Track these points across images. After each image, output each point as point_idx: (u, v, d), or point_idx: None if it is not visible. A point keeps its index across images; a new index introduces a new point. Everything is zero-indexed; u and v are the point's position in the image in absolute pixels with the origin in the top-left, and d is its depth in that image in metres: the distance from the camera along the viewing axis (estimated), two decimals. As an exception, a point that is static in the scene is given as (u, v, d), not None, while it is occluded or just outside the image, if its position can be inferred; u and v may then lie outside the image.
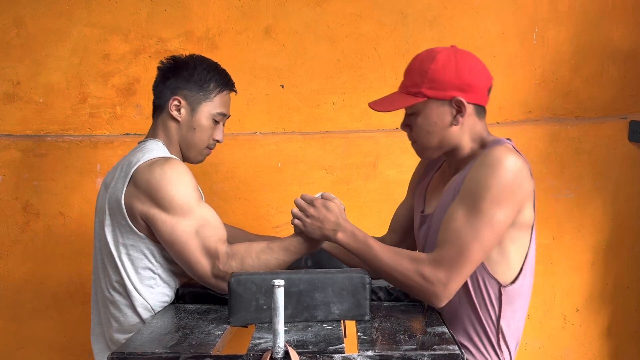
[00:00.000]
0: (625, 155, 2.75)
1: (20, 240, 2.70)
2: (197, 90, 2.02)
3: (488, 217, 1.65)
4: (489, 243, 1.67)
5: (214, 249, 1.85)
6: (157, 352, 1.47)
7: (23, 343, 2.74)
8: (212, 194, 2.66)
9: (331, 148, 2.70)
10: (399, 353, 1.45)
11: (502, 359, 1.79)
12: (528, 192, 1.71)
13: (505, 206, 1.65)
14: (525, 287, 1.79)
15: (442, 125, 1.77)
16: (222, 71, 2.08)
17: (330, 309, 1.69)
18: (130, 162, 1.93)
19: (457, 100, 1.74)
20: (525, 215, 1.72)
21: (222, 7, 2.69)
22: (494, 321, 1.76)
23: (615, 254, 2.78)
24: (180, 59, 2.07)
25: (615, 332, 2.80)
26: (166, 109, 2.02)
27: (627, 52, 2.76)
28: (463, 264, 1.66)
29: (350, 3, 2.70)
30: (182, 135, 2.03)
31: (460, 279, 1.68)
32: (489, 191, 1.64)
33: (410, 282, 1.70)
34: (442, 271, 1.66)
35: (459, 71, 1.74)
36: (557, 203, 2.74)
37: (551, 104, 2.76)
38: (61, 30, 2.69)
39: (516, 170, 1.66)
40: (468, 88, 1.74)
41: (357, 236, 1.78)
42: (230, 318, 1.68)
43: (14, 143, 2.69)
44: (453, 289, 1.68)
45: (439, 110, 1.76)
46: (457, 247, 1.66)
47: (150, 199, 1.86)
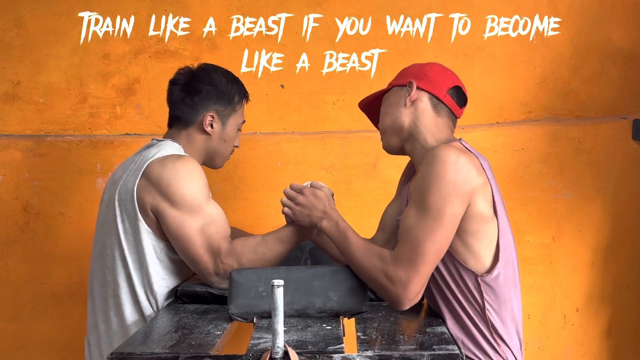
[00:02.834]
0: (625, 155, 2.75)
1: (20, 240, 2.71)
2: (227, 104, 2.08)
3: (435, 212, 1.68)
4: (441, 238, 1.69)
5: (217, 246, 1.89)
6: (157, 352, 1.47)
7: (23, 343, 2.74)
8: (212, 194, 2.64)
9: (331, 148, 2.70)
10: (398, 353, 1.45)
11: (503, 356, 1.79)
12: (476, 184, 1.73)
13: (450, 199, 1.68)
14: (507, 278, 1.79)
15: (396, 107, 1.89)
16: (240, 82, 2.14)
17: (328, 296, 1.71)
18: (144, 157, 1.96)
19: (410, 82, 1.87)
20: (478, 208, 1.74)
21: (222, 7, 2.69)
22: (479, 313, 1.77)
23: (615, 254, 2.78)
24: (199, 75, 2.08)
25: (615, 332, 2.80)
26: (196, 124, 2.05)
27: (627, 52, 2.76)
28: (419, 262, 1.68)
29: (350, 3, 2.70)
30: (212, 146, 2.08)
31: (418, 279, 1.69)
32: (431, 186, 1.69)
33: (375, 279, 1.72)
34: (401, 270, 1.68)
35: (423, 66, 1.92)
36: (557, 203, 2.73)
37: (551, 104, 2.76)
38: (61, 30, 2.69)
39: (457, 165, 1.70)
40: (424, 77, 1.88)
41: (339, 226, 1.82)
42: (230, 305, 1.69)
43: (14, 143, 2.69)
44: (413, 290, 1.69)
45: (397, 94, 1.91)
46: (411, 244, 1.69)
47: (161, 193, 1.89)
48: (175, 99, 2.08)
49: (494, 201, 1.77)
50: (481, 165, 1.76)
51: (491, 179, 1.78)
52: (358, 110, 2.71)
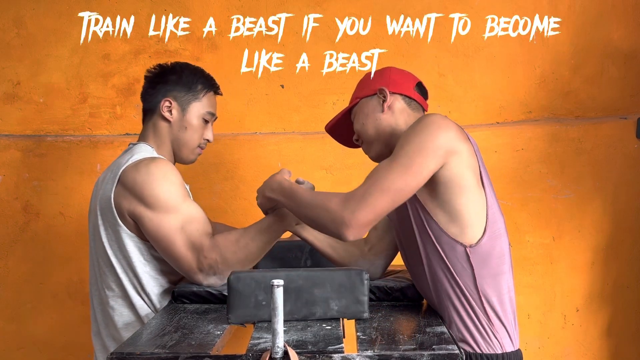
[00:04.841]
0: (625, 156, 2.75)
1: (20, 240, 2.71)
2: (186, 91, 2.08)
3: (405, 159, 1.68)
4: (403, 181, 1.67)
5: (198, 243, 1.89)
6: (156, 352, 1.47)
7: (23, 343, 2.74)
8: (212, 194, 2.67)
9: (331, 148, 2.70)
10: (398, 353, 1.45)
11: (496, 334, 1.77)
12: (455, 146, 1.73)
13: (424, 152, 1.69)
14: (496, 249, 1.77)
15: (374, 116, 1.91)
16: (207, 75, 2.15)
17: (329, 305, 1.69)
18: (118, 164, 1.99)
19: (381, 89, 1.90)
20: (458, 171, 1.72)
21: (222, 7, 2.69)
22: (471, 285, 1.76)
23: (615, 254, 2.78)
24: (166, 66, 2.14)
25: (615, 332, 2.80)
26: (157, 111, 2.08)
27: (627, 52, 2.76)
28: (373, 194, 1.66)
29: (350, 3, 2.70)
30: (174, 134, 2.08)
31: (369, 209, 1.66)
32: (408, 139, 1.72)
33: (320, 212, 1.71)
34: (353, 200, 1.67)
35: (383, 72, 1.97)
36: (557, 203, 2.74)
37: (551, 104, 2.76)
38: (61, 30, 2.69)
39: (436, 121, 1.72)
40: (391, 81, 1.92)
41: (282, 184, 1.85)
42: (230, 315, 1.68)
43: (14, 143, 2.69)
44: (361, 219, 1.66)
45: (368, 104, 1.92)
46: (369, 181, 1.70)
47: (136, 197, 1.91)
48: (143, 91, 2.13)
49: (481, 172, 1.77)
50: (467, 136, 1.78)
51: (477, 153, 1.79)
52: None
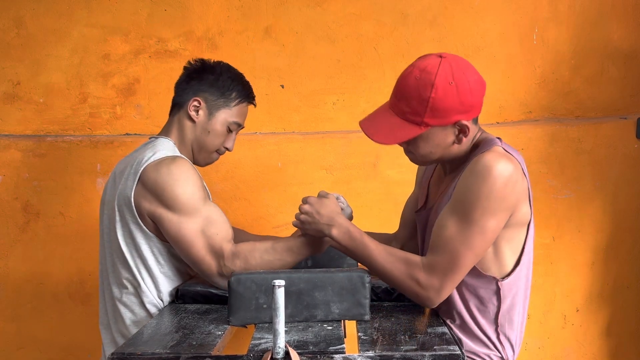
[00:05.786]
0: (625, 156, 2.75)
1: (20, 240, 2.70)
2: (219, 96, 2.05)
3: (479, 226, 1.66)
4: (481, 250, 1.70)
5: (219, 247, 1.88)
6: (157, 352, 1.47)
7: (23, 343, 2.74)
8: (212, 194, 2.65)
9: (331, 148, 2.70)
10: (399, 353, 1.44)
11: (503, 353, 1.79)
12: (521, 193, 1.72)
13: (496, 214, 1.67)
14: (521, 280, 1.79)
15: (445, 146, 1.76)
16: (246, 83, 2.11)
17: (330, 308, 1.69)
18: (139, 160, 1.95)
19: (461, 124, 1.72)
20: (520, 214, 1.73)
21: (222, 7, 2.69)
22: (492, 315, 1.77)
23: (615, 254, 2.78)
24: (208, 63, 2.09)
25: (615, 331, 2.80)
26: (185, 108, 2.05)
27: (627, 52, 2.76)
28: (455, 271, 1.69)
29: (350, 3, 2.70)
30: (196, 136, 2.06)
31: (452, 285, 1.71)
32: (479, 201, 1.65)
33: (404, 286, 1.73)
34: (435, 278, 1.69)
35: (461, 95, 1.69)
36: (557, 203, 2.74)
37: (551, 104, 2.76)
38: (61, 30, 2.69)
39: (506, 177, 1.66)
40: (470, 109, 1.72)
41: (353, 233, 1.78)
42: (230, 317, 1.68)
43: (14, 143, 2.69)
44: (445, 294, 1.72)
45: (441, 134, 1.74)
46: (450, 255, 1.68)
47: (157, 198, 1.89)
48: (178, 81, 2.10)
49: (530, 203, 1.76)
50: (522, 170, 1.72)
51: (528, 179, 1.76)
52: (358, 110, 2.73)
